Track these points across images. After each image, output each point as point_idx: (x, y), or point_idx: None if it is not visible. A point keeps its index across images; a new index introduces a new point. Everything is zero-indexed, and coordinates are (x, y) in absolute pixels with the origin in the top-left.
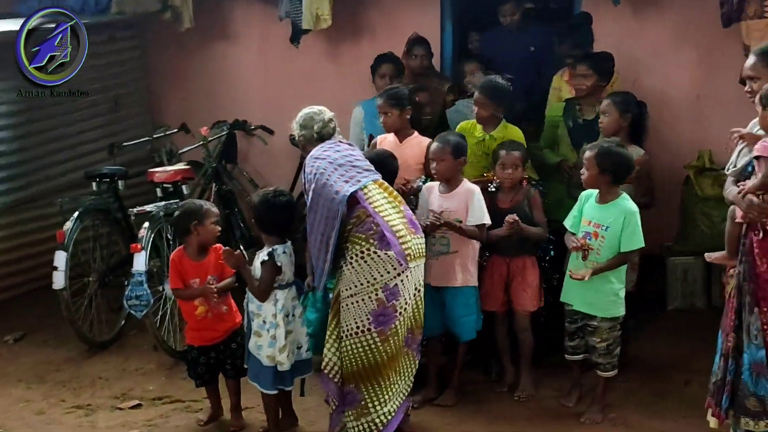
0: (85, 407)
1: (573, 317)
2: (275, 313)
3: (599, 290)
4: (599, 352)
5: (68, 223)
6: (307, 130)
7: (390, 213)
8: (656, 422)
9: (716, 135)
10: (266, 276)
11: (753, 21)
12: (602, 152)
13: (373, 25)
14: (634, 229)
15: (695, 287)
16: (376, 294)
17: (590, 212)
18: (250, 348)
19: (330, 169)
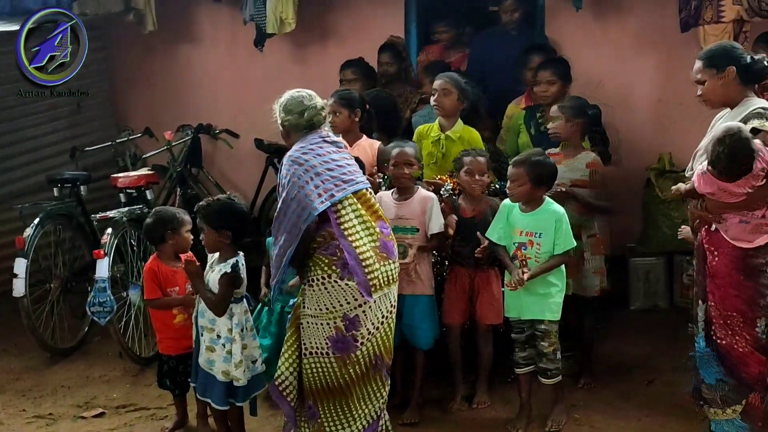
0: (46, 417)
1: (519, 327)
2: (230, 327)
3: (543, 294)
4: (548, 356)
5: (28, 230)
6: (294, 115)
7: (360, 236)
8: (620, 422)
9: (676, 138)
10: (227, 289)
11: (710, 25)
12: (533, 165)
13: (339, 28)
14: (567, 231)
15: (657, 287)
16: (334, 322)
17: (519, 222)
18: (201, 363)
19: (305, 178)
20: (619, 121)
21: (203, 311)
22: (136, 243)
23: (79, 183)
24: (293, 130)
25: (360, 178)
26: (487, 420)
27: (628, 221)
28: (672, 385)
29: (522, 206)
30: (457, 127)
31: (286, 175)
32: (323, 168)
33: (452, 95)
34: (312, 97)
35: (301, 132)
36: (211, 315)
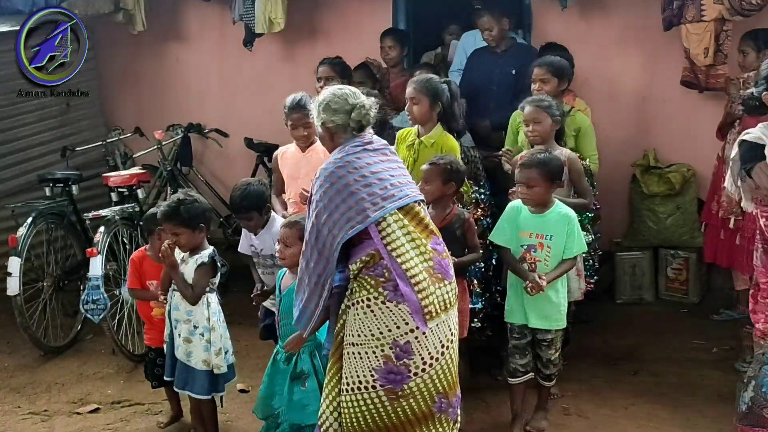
0: (41, 413)
1: (521, 333)
2: (208, 317)
3: (552, 302)
4: (554, 363)
5: (21, 229)
6: (341, 115)
7: (411, 256)
8: (607, 410)
9: (660, 135)
10: (204, 280)
11: (692, 24)
12: (544, 163)
13: (328, 27)
14: (578, 234)
15: (643, 281)
16: (382, 350)
17: (528, 224)
18: (178, 356)
19: (337, 200)
20: (605, 118)
21: (177, 305)
22: (128, 241)
23: (71, 182)
24: (340, 132)
25: (406, 190)
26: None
27: (615, 216)
28: (657, 375)
29: (531, 207)
30: (434, 133)
31: (317, 193)
32: (360, 185)
33: (423, 102)
34: (357, 95)
35: (349, 134)
36: (187, 307)
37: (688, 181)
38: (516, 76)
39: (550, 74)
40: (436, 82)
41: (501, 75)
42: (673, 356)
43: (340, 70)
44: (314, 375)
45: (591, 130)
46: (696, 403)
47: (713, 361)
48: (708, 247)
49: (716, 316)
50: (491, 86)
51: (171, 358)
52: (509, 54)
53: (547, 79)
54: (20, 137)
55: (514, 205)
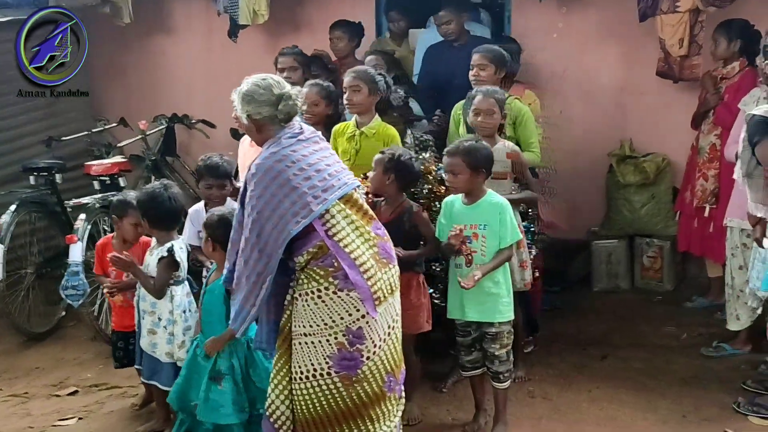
0: (21, 395)
1: (465, 329)
2: (172, 309)
3: (491, 293)
4: (500, 359)
5: (4, 216)
6: (267, 107)
7: (357, 244)
8: (572, 393)
9: (636, 125)
10: (164, 273)
11: (666, 15)
12: (469, 150)
13: (311, 19)
14: (512, 222)
15: (619, 269)
16: (335, 338)
17: (461, 216)
18: (143, 347)
19: (280, 195)
20: (582, 109)
21: (144, 296)
22: (109, 229)
23: (54, 171)
24: (268, 124)
25: (344, 178)
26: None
27: (591, 205)
28: (625, 360)
29: (464, 199)
30: (374, 123)
31: (255, 189)
32: (300, 179)
33: (362, 91)
34: (282, 84)
35: (276, 125)
36: (152, 299)
37: (663, 171)
38: None
39: (487, 61)
40: (373, 73)
41: (463, 69)
42: (642, 342)
43: (302, 59)
44: (231, 375)
45: (530, 118)
46: (659, 386)
47: (681, 347)
48: (682, 236)
49: (689, 303)
50: (454, 80)
51: (140, 349)
52: (468, 47)
53: (484, 65)
54: (6, 128)
55: (448, 199)
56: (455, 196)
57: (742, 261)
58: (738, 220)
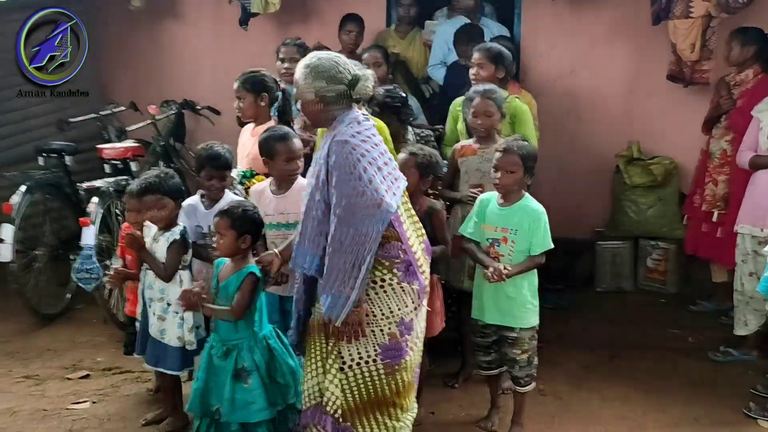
0: (33, 377)
1: (484, 331)
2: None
3: (514, 299)
4: (520, 365)
5: (15, 197)
6: (341, 86)
7: (413, 237)
8: (584, 393)
9: (644, 127)
10: (176, 256)
11: (679, 20)
12: (524, 148)
13: (321, 9)
14: (545, 230)
15: (623, 270)
16: (389, 328)
17: (494, 217)
18: (153, 334)
19: (371, 171)
20: (590, 109)
21: (151, 283)
22: (121, 213)
23: (66, 153)
24: (334, 104)
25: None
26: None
27: (597, 206)
28: (633, 361)
29: (499, 200)
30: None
31: (345, 165)
32: (382, 161)
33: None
34: (359, 65)
35: (344, 106)
36: (161, 285)
37: (670, 174)
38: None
39: (487, 60)
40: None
41: None
42: (648, 344)
43: (304, 51)
44: (257, 371)
45: (528, 117)
46: (668, 388)
47: (688, 350)
48: (689, 239)
49: (693, 306)
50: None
51: (143, 336)
52: None
53: (484, 64)
54: (15, 109)
55: (484, 197)
56: (491, 194)
57: (753, 267)
58: (749, 227)
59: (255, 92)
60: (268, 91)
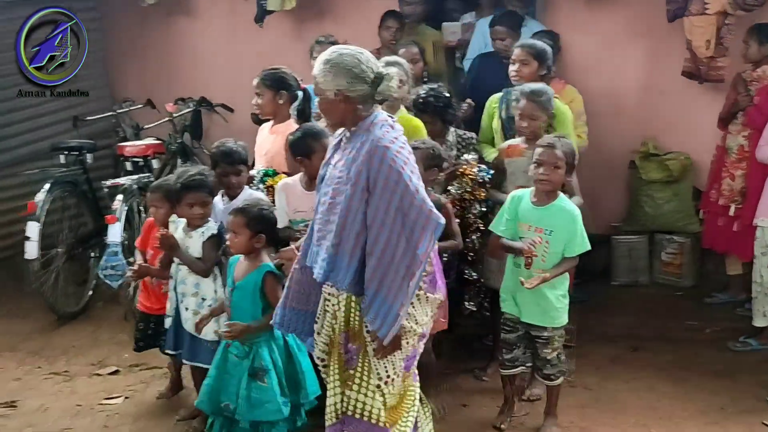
0: (62, 374)
1: (513, 326)
2: (215, 288)
3: (547, 299)
4: (551, 363)
5: (40, 194)
6: (364, 86)
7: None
8: (611, 384)
9: (659, 124)
10: (213, 251)
11: (696, 17)
12: (569, 149)
13: (337, 6)
14: (582, 232)
15: (639, 264)
16: (414, 339)
17: (528, 216)
18: (188, 329)
19: (415, 180)
20: (605, 106)
21: (184, 279)
22: (145, 210)
23: (85, 151)
24: (357, 104)
25: None
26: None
27: (612, 201)
28: (655, 353)
29: (533, 198)
30: (397, 116)
31: (391, 174)
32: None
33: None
34: (371, 59)
35: (370, 105)
36: (194, 279)
37: (686, 169)
38: None
39: (531, 57)
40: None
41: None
42: (668, 336)
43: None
44: (274, 370)
45: (568, 119)
46: (692, 378)
47: (706, 341)
48: (706, 234)
49: (708, 299)
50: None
51: (175, 332)
52: None
53: (527, 61)
54: (28, 106)
55: (516, 194)
56: (524, 190)
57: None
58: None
59: (274, 89)
60: (288, 89)
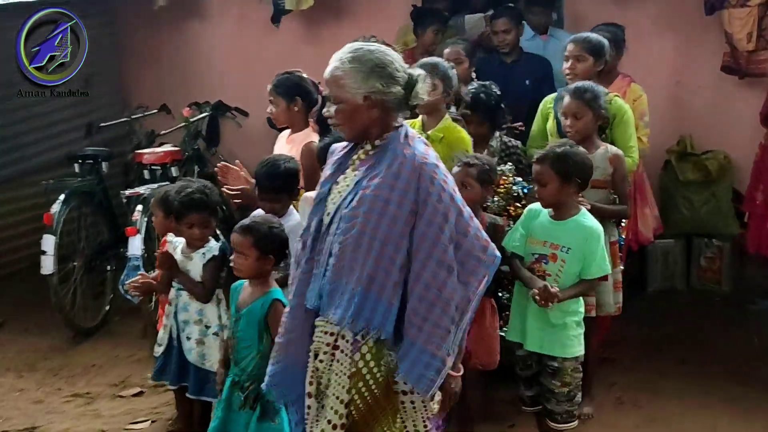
0: (84, 395)
1: (526, 362)
2: (220, 314)
3: (557, 324)
4: (558, 398)
5: (55, 206)
6: (398, 88)
7: None
8: (662, 401)
9: (695, 121)
10: (215, 274)
11: (735, 9)
12: (559, 157)
13: (354, 6)
14: (603, 253)
15: (675, 269)
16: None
17: (543, 230)
18: (192, 360)
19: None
20: None
21: (186, 305)
22: None
23: (101, 160)
24: (391, 109)
25: None
26: None
27: None
28: (703, 365)
29: (551, 212)
30: (442, 125)
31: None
32: None
33: (437, 89)
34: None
35: (398, 114)
36: (198, 306)
37: (724, 169)
38: (531, 87)
39: (586, 52)
40: (445, 67)
41: (515, 88)
42: (714, 346)
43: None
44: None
45: (630, 119)
46: (749, 394)
47: (756, 352)
48: (751, 237)
49: (752, 305)
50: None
51: (177, 364)
52: (520, 65)
53: (582, 56)
54: (41, 114)
55: (532, 207)
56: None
57: None
58: None
59: (288, 97)
60: (303, 95)
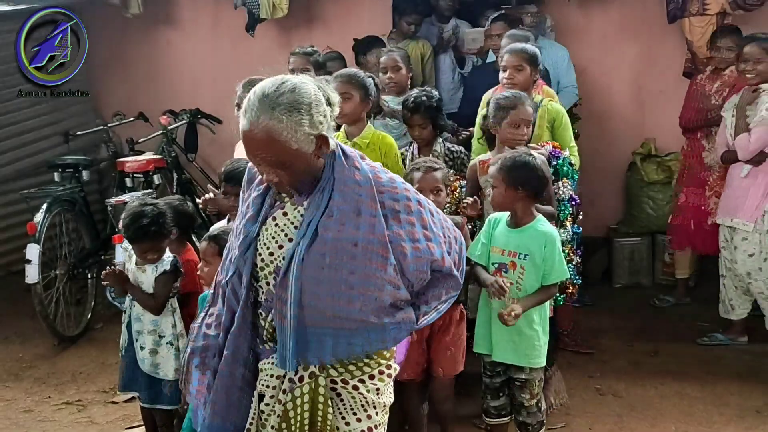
0: (75, 403)
1: (494, 370)
2: (174, 323)
3: (525, 334)
4: (529, 410)
5: (39, 215)
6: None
7: None
8: (639, 390)
9: (657, 124)
10: (166, 288)
11: (695, 17)
12: (507, 165)
13: (326, 15)
14: (560, 257)
15: (641, 266)
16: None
17: (502, 239)
18: (146, 369)
19: None
20: (602, 107)
21: (139, 315)
22: None
23: (81, 168)
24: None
25: None
26: None
27: (611, 203)
28: (675, 356)
29: (509, 220)
30: (366, 132)
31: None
32: None
33: (353, 98)
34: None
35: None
36: (151, 317)
37: None
38: None
39: (524, 62)
40: (362, 76)
41: None
42: (682, 337)
43: (315, 62)
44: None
45: (568, 121)
46: (720, 381)
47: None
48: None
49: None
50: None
51: (132, 372)
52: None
53: (521, 66)
54: (14, 122)
55: (493, 216)
56: (502, 213)
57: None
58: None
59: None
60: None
